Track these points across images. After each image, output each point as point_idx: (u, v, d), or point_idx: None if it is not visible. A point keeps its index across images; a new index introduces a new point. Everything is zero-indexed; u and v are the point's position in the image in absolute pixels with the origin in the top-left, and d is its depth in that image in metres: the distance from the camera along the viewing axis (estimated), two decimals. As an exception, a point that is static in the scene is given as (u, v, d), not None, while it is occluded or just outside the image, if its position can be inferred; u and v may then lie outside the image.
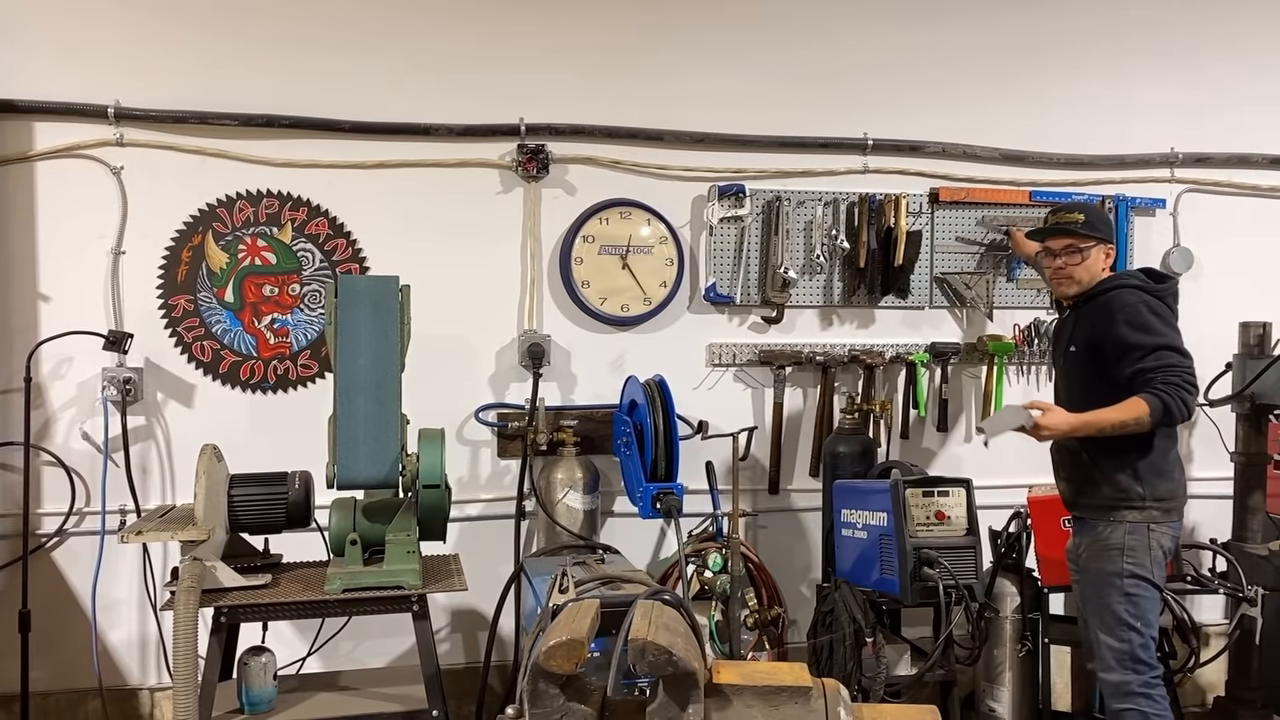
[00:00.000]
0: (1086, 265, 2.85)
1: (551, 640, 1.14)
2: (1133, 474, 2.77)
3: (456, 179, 3.47)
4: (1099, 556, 2.79)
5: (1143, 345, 2.66)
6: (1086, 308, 2.86)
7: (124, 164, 3.25)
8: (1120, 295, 2.77)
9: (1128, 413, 2.62)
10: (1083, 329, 2.84)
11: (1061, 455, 2.94)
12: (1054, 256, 2.90)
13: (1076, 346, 2.85)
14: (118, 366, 3.22)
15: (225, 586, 2.64)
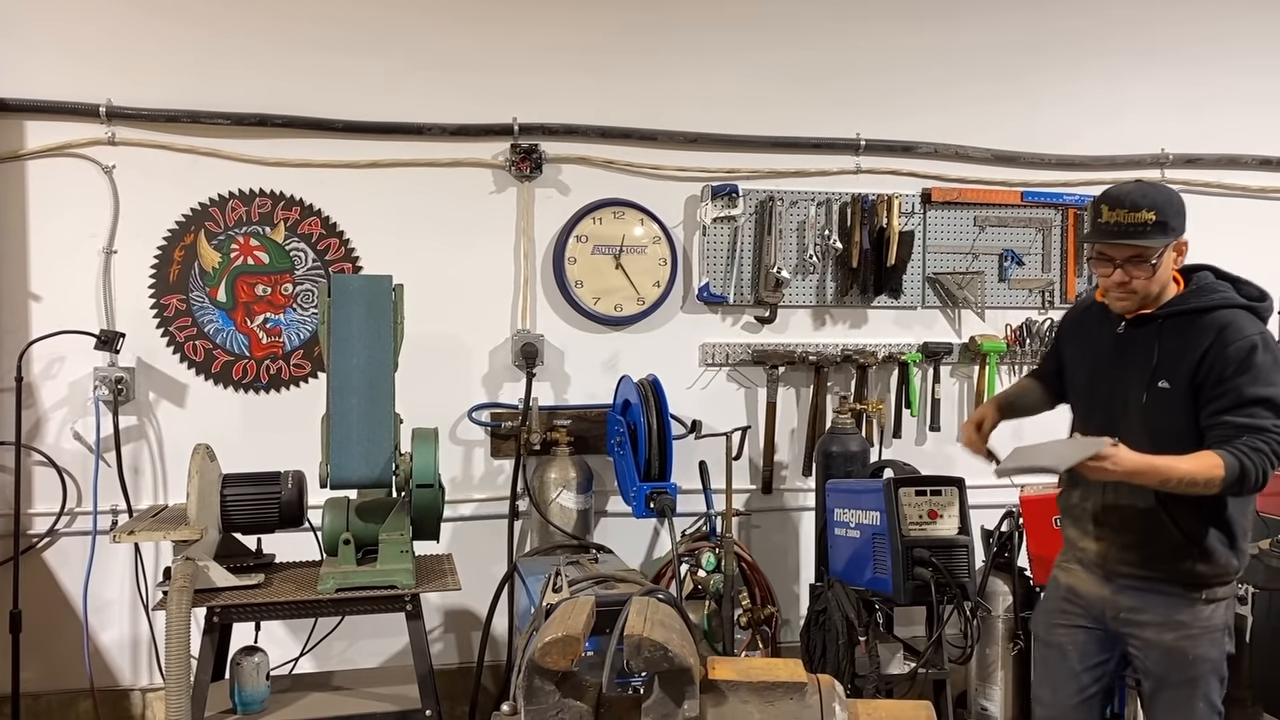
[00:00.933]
0: (1156, 278, 2.16)
1: (547, 636, 1.14)
2: (1228, 542, 2.23)
3: (450, 178, 3.47)
4: (1201, 641, 2.24)
5: (1242, 394, 2.07)
6: (1176, 326, 2.18)
7: (116, 163, 3.24)
8: (1237, 322, 2.13)
9: (1200, 469, 2.03)
10: (1178, 358, 2.15)
11: (1121, 513, 2.29)
12: (1111, 265, 2.18)
13: (1170, 381, 2.15)
14: (109, 366, 3.21)
15: (218, 586, 2.63)
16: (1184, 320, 2.17)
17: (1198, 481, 2.03)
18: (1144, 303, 2.21)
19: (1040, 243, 3.92)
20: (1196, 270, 2.26)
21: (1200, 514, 2.19)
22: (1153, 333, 2.21)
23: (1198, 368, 2.11)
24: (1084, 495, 2.37)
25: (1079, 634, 2.40)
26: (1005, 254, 3.88)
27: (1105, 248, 2.17)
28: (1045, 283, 3.93)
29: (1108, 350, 2.30)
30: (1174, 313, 2.18)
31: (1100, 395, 2.32)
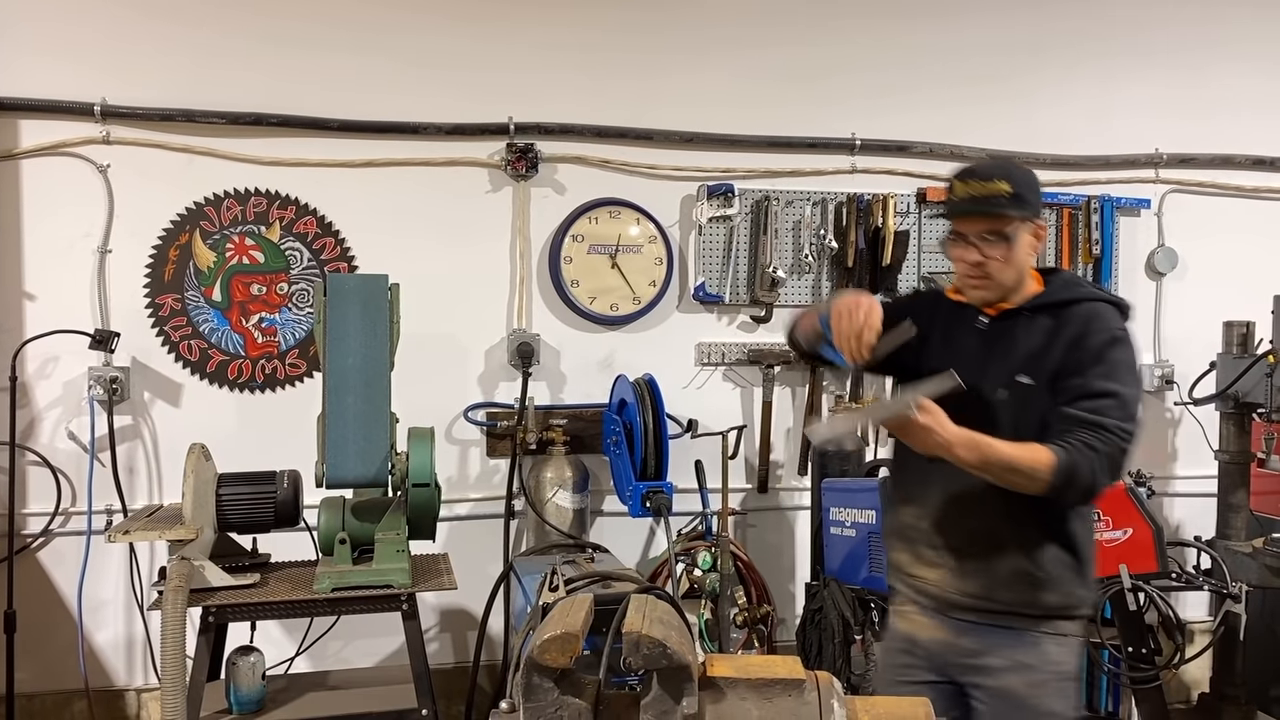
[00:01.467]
0: (1014, 258, 1.99)
1: (546, 634, 1.14)
2: (1076, 568, 2.02)
3: (445, 178, 3.47)
4: (1048, 690, 2.00)
5: (1089, 386, 1.90)
6: (1040, 319, 2.01)
7: (110, 162, 3.23)
8: (1103, 314, 1.99)
9: (1024, 457, 1.83)
10: (1042, 351, 1.98)
11: (960, 533, 2.05)
12: (966, 245, 2.01)
13: (1032, 376, 1.97)
14: (104, 366, 3.21)
15: (213, 586, 2.62)
16: (1049, 313, 2.01)
17: (1019, 469, 1.83)
18: (1002, 293, 2.03)
19: (1035, 242, 3.92)
20: (1054, 271, 2.16)
21: (1045, 534, 1.99)
22: (1016, 327, 2.03)
23: (1062, 359, 1.95)
24: (918, 514, 2.12)
25: (923, 690, 2.04)
26: (1000, 253, 3.88)
27: (961, 223, 2.02)
28: (1040, 282, 3.93)
29: (966, 345, 2.06)
30: (1039, 306, 2.02)
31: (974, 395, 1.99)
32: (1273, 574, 3.40)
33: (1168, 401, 4.07)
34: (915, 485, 2.14)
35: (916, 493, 2.13)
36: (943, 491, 2.07)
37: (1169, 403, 4.07)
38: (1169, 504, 4.07)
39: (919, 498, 2.13)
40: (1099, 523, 3.24)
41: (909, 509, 2.16)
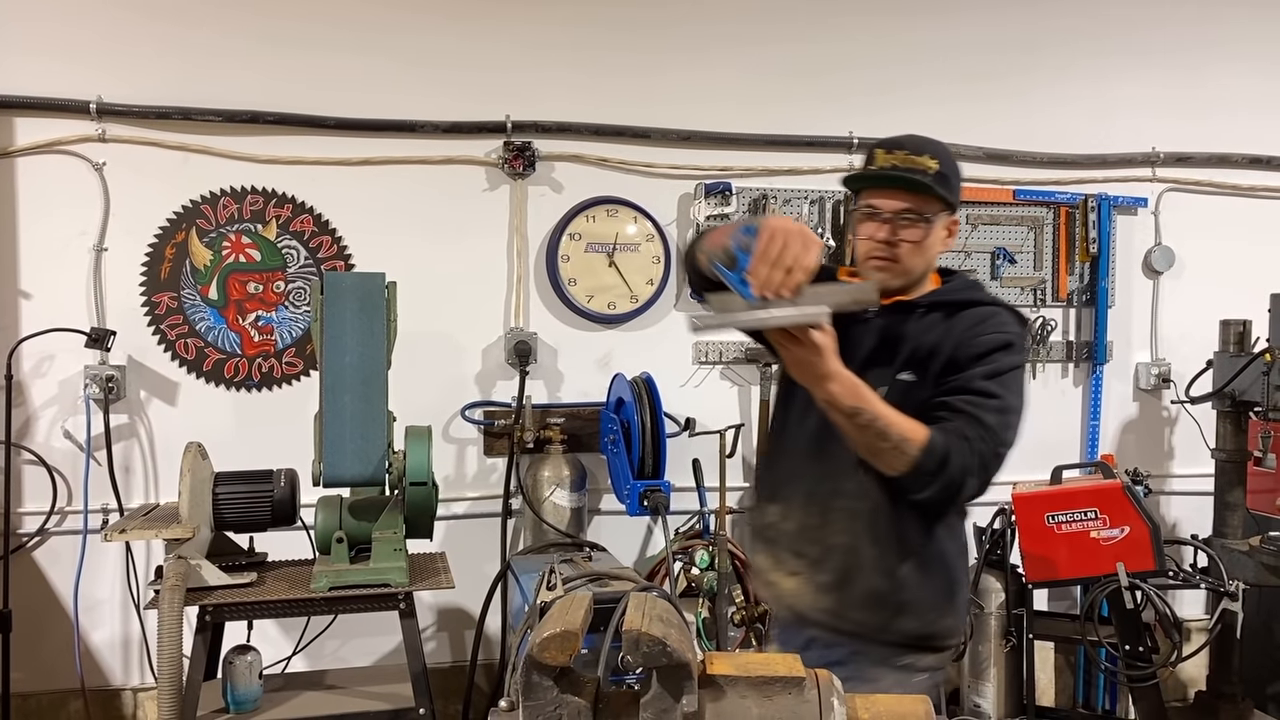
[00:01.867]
0: (926, 246, 1.83)
1: (545, 631, 1.14)
2: (944, 593, 1.86)
3: (442, 176, 3.46)
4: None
5: (973, 384, 1.73)
6: (935, 317, 1.83)
7: (106, 160, 3.22)
8: (1001, 317, 1.83)
9: (902, 425, 1.65)
10: (931, 348, 1.81)
11: (823, 542, 1.86)
12: (878, 222, 1.83)
13: (917, 373, 1.80)
14: (100, 364, 3.20)
15: (210, 585, 2.62)
16: (945, 311, 1.83)
17: (889, 436, 1.63)
18: (904, 282, 1.85)
19: (1032, 241, 3.93)
20: (954, 272, 2.00)
21: (911, 553, 1.81)
22: (907, 321, 1.84)
23: (949, 356, 1.77)
24: (784, 513, 1.93)
25: None
26: (997, 252, 3.89)
27: (878, 197, 1.83)
28: (1037, 281, 3.94)
29: (852, 333, 1.81)
30: (937, 302, 1.85)
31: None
32: (1269, 572, 3.41)
33: (1164, 400, 4.07)
34: (783, 483, 1.95)
35: (783, 491, 1.94)
36: (808, 494, 1.89)
37: (1165, 401, 4.07)
38: (1165, 502, 4.08)
39: (785, 497, 1.93)
40: (1095, 520, 3.25)
41: (774, 508, 1.96)
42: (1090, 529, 3.27)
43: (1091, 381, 3.99)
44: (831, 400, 1.63)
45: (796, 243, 1.51)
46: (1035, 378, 3.96)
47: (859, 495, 1.82)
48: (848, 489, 1.83)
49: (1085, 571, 3.28)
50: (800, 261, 1.50)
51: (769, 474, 2.04)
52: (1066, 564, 3.29)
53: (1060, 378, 4.00)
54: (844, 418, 1.65)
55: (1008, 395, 1.73)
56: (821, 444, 1.85)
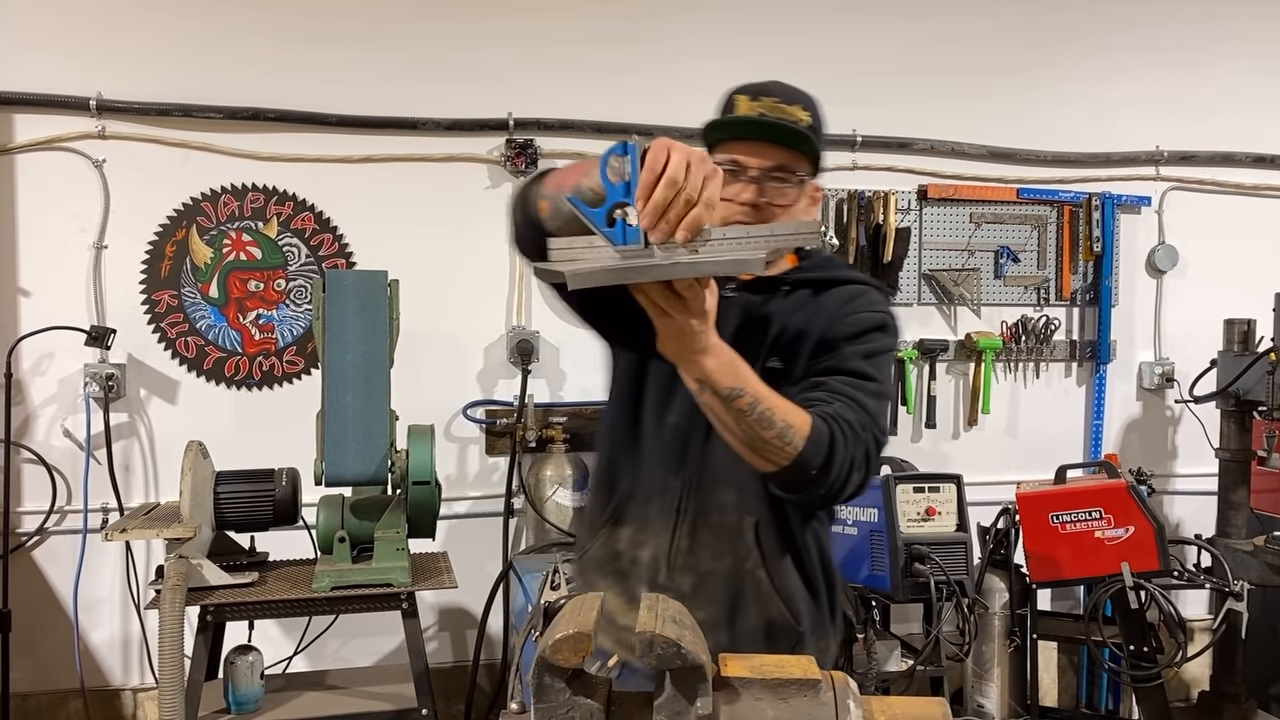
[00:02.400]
0: (793, 214, 1.55)
1: (558, 633, 1.12)
2: (833, 607, 1.64)
3: (444, 174, 3.44)
4: None
5: (847, 363, 1.49)
6: (802, 297, 1.59)
7: (106, 157, 3.20)
8: (871, 296, 1.61)
9: (783, 410, 1.35)
10: (800, 332, 1.56)
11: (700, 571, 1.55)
12: (742, 181, 1.52)
13: (785, 361, 1.55)
14: (100, 363, 3.18)
15: (211, 585, 2.60)
16: (813, 289, 1.60)
17: (773, 424, 1.32)
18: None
19: (1035, 239, 3.92)
20: (807, 251, 1.68)
21: (804, 572, 1.58)
22: (772, 300, 1.59)
23: (820, 336, 1.53)
24: (638, 537, 1.57)
25: None
26: (1001, 251, 3.87)
27: (743, 151, 1.53)
28: (1040, 280, 3.93)
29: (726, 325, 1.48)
30: (804, 280, 1.60)
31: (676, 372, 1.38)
32: (1273, 572, 3.39)
33: (1168, 400, 4.06)
34: (635, 500, 1.59)
35: (636, 510, 1.59)
36: (672, 510, 1.55)
37: (1169, 401, 4.06)
38: (1169, 502, 4.07)
39: (639, 517, 1.58)
40: (1100, 520, 3.24)
41: (624, 532, 1.60)
42: (1095, 529, 3.25)
43: (1095, 381, 3.98)
44: (707, 378, 1.30)
45: (698, 168, 1.17)
46: (1039, 377, 3.95)
47: (740, 506, 1.53)
48: (723, 500, 1.54)
49: (1089, 571, 3.27)
50: (704, 194, 1.18)
51: (612, 489, 1.63)
52: (1071, 564, 3.27)
53: (1064, 377, 3.99)
54: (719, 402, 1.32)
55: (884, 380, 1.53)
56: (687, 446, 1.55)
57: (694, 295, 1.23)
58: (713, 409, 1.36)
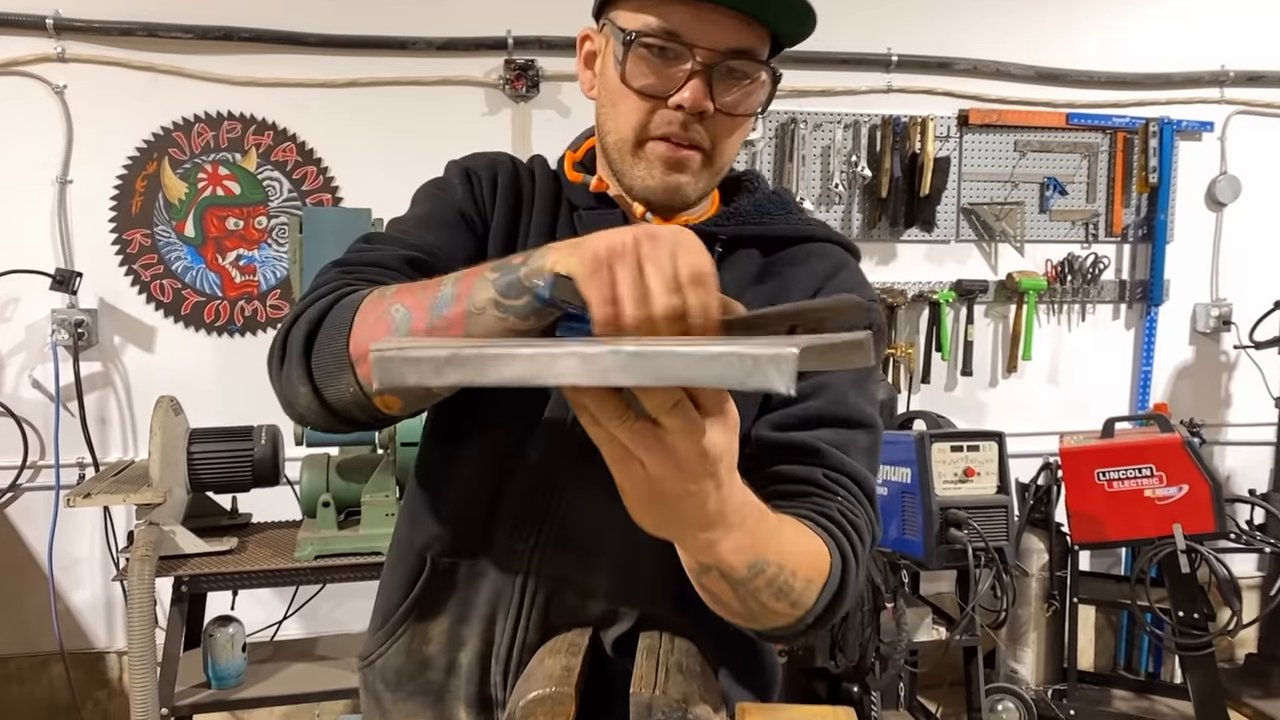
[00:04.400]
0: (732, 140, 1.06)
1: (531, 691, 0.88)
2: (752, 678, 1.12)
3: (437, 99, 3.14)
4: None
5: (845, 405, 1.03)
6: (748, 260, 1.11)
7: (67, 83, 2.92)
8: (850, 269, 1.13)
9: (808, 568, 0.89)
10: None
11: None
12: (680, 67, 1.00)
13: None
14: (68, 308, 2.94)
15: (186, 553, 2.40)
16: (760, 250, 1.11)
17: (791, 591, 0.87)
18: (700, 192, 1.05)
19: (1085, 170, 3.59)
20: (736, 174, 1.18)
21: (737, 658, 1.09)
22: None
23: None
24: (455, 631, 1.07)
25: None
26: (1047, 182, 3.54)
27: (686, 19, 0.98)
28: (1090, 214, 3.60)
29: None
30: (745, 237, 1.10)
31: (558, 404, 1.04)
32: (1337, 533, 3.14)
33: (1224, 344, 3.76)
34: (461, 578, 1.07)
35: (459, 593, 1.07)
36: (511, 593, 1.04)
37: (1225, 345, 3.76)
38: (1220, 453, 3.80)
39: (461, 602, 1.07)
40: (1151, 478, 2.99)
41: (436, 627, 1.08)
42: (1145, 487, 3.00)
43: (1145, 324, 3.68)
44: (718, 562, 0.81)
45: (666, 249, 0.72)
46: (1084, 320, 3.65)
47: (620, 593, 1.03)
48: (593, 582, 1.03)
49: (1137, 533, 3.03)
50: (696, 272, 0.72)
51: (419, 561, 1.09)
52: (1117, 524, 3.03)
53: (1111, 320, 3.69)
54: (728, 585, 0.84)
55: (876, 409, 1.07)
56: (548, 493, 1.04)
57: (685, 423, 0.67)
58: (709, 588, 0.86)
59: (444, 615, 1.07)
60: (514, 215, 1.12)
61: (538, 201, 1.14)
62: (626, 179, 1.06)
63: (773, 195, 1.15)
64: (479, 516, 1.06)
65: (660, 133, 1.01)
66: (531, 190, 1.15)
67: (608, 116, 1.06)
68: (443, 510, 1.09)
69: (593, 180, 1.13)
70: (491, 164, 1.17)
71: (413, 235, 1.06)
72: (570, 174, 1.16)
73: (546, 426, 1.03)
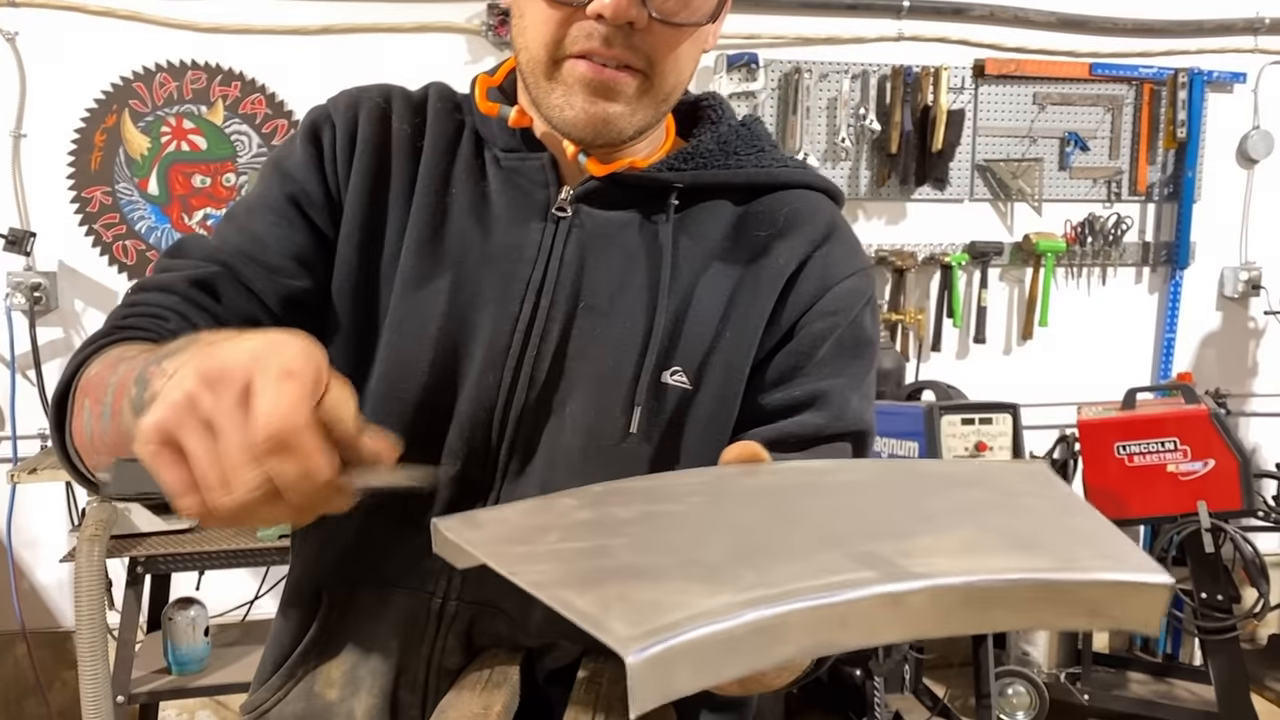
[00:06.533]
0: (678, 57, 0.81)
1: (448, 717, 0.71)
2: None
3: (416, 46, 2.94)
4: None
5: (847, 407, 0.86)
6: (721, 214, 0.89)
7: (18, 29, 2.73)
8: (841, 230, 0.91)
9: None
10: (730, 301, 0.86)
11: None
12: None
13: (696, 369, 0.85)
14: (25, 270, 2.77)
15: (141, 532, 2.25)
16: (731, 199, 0.90)
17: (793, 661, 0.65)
18: (640, 125, 0.83)
19: (1109, 124, 3.37)
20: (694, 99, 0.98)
21: None
22: (661, 229, 0.87)
23: (783, 341, 0.87)
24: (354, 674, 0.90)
25: None
26: (1068, 137, 3.33)
27: None
28: (1113, 171, 3.39)
29: (518, 273, 0.86)
30: (716, 183, 0.90)
31: (474, 392, 0.84)
32: (1372, 510, 2.96)
33: (1252, 310, 3.55)
34: (361, 612, 0.90)
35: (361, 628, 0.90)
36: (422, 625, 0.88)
37: (1254, 311, 3.55)
38: (1245, 425, 3.61)
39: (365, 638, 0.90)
40: (1175, 452, 2.81)
41: (334, 670, 0.90)
42: (1168, 462, 2.83)
43: (1170, 288, 3.47)
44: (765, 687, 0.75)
45: (228, 397, 0.52)
46: (1105, 284, 3.45)
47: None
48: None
49: (1160, 510, 2.85)
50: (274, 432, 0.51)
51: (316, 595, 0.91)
52: (1138, 500, 2.86)
53: (1134, 283, 3.48)
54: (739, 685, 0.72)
55: (872, 406, 0.91)
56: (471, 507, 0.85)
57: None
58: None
59: (343, 658, 0.89)
60: (379, 177, 0.89)
61: (429, 147, 0.90)
62: (544, 108, 0.83)
63: (740, 128, 0.93)
64: (382, 542, 0.87)
65: (579, 49, 0.78)
66: (412, 133, 0.92)
67: (518, 29, 0.84)
68: (345, 533, 0.89)
69: (511, 113, 0.89)
70: (352, 105, 0.94)
71: (229, 236, 0.87)
72: (482, 104, 0.91)
73: (463, 437, 0.85)
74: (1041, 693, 2.93)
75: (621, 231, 0.87)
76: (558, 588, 0.43)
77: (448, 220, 0.87)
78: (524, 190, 0.88)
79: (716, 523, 0.50)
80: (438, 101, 0.94)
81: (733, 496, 0.51)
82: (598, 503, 0.52)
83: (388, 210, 0.88)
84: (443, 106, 0.94)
